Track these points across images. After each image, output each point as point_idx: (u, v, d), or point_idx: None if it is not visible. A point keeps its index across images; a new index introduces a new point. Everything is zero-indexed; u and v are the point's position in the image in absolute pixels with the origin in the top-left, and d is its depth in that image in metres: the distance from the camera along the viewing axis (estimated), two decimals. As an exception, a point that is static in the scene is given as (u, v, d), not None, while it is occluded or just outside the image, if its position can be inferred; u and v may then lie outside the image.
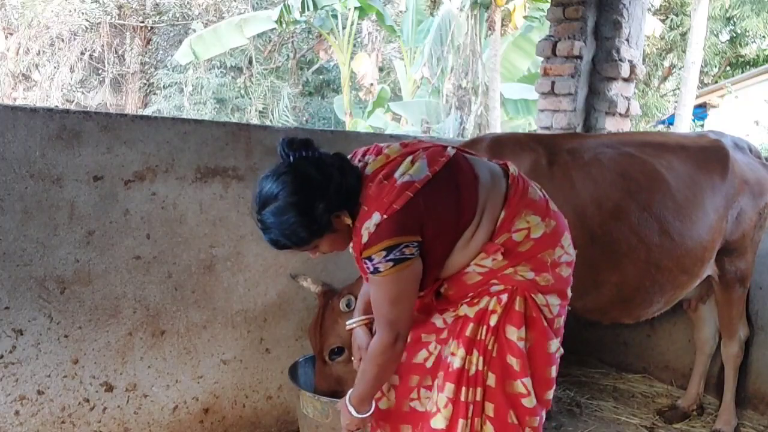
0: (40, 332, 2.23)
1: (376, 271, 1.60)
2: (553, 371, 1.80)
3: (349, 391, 1.85)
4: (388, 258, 1.57)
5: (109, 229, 2.33)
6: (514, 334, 1.73)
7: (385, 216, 1.56)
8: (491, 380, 1.74)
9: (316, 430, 2.30)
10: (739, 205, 2.80)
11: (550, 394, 1.83)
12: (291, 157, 1.59)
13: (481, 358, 1.73)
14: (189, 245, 2.53)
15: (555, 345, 1.79)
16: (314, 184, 1.56)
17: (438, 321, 1.87)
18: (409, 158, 1.66)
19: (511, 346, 1.73)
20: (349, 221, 1.62)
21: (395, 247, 1.57)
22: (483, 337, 1.74)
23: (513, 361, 1.74)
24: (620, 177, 2.68)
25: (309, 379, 2.53)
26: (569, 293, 1.85)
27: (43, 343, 2.24)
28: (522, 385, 1.74)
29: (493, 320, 1.73)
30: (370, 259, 1.59)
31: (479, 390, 1.74)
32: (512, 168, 1.83)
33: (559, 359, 1.83)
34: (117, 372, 2.41)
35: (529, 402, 1.75)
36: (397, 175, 1.61)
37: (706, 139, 2.92)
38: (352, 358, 2.11)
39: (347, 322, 2.08)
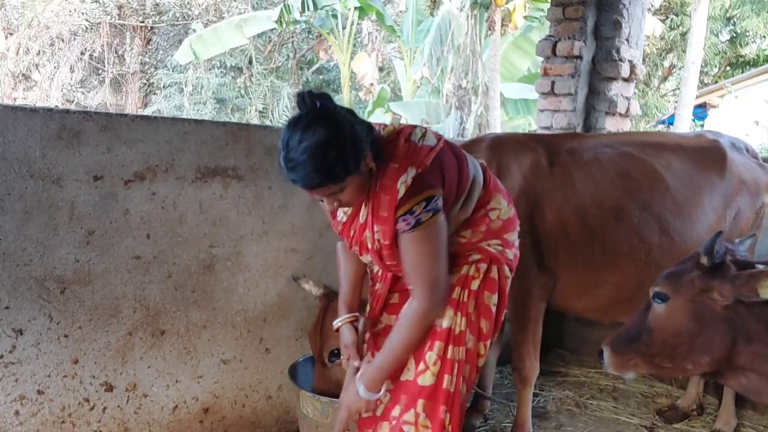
0: (40, 332, 2.23)
1: (418, 223, 1.68)
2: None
3: (360, 371, 1.87)
4: (427, 208, 1.67)
5: (109, 229, 2.33)
6: (490, 299, 1.89)
7: (419, 170, 1.67)
8: (470, 342, 1.86)
9: (316, 430, 2.30)
10: (737, 205, 2.80)
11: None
12: (318, 103, 1.63)
13: (464, 319, 1.85)
14: (189, 245, 2.53)
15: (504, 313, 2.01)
16: (345, 121, 1.63)
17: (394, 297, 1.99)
18: (417, 129, 1.79)
19: (487, 310, 1.88)
20: (372, 164, 1.68)
21: (432, 198, 1.68)
22: (465, 300, 1.86)
23: (484, 324, 1.88)
24: (620, 177, 2.69)
25: (309, 379, 2.53)
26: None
27: (43, 342, 2.24)
28: (484, 347, 1.89)
29: (474, 285, 1.88)
30: (411, 212, 1.67)
31: (461, 349, 1.84)
32: (480, 159, 2.04)
33: None
34: (117, 372, 2.41)
35: (481, 362, 1.91)
36: (415, 139, 1.74)
37: (704, 139, 2.93)
38: (342, 358, 2.12)
39: (333, 322, 2.09)
